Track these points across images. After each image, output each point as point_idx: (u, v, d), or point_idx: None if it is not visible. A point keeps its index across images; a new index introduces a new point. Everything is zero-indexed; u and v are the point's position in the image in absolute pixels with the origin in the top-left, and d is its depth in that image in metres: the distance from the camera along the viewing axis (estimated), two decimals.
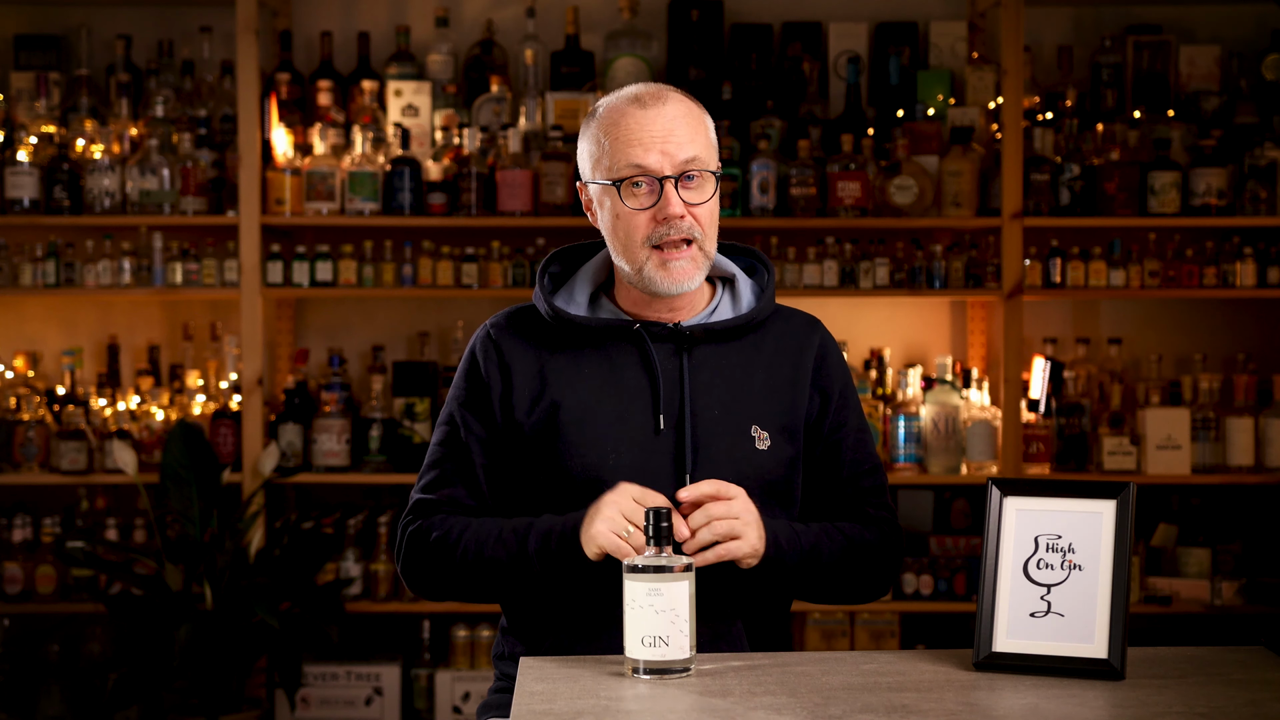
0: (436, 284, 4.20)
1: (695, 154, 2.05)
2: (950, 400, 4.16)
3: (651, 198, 2.05)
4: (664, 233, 2.05)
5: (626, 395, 2.09)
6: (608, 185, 2.07)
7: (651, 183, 2.05)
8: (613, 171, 2.06)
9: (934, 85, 4.32)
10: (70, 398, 4.25)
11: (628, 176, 2.05)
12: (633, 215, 2.06)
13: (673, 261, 2.06)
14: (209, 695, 3.80)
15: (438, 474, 2.14)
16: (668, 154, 2.04)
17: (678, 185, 2.04)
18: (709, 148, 2.09)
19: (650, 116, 2.05)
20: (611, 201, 2.08)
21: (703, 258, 2.08)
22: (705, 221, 2.07)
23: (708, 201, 2.07)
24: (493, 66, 4.35)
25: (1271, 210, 4.19)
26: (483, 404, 2.14)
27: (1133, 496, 1.82)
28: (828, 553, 2.08)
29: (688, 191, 2.06)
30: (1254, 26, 4.46)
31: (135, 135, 4.22)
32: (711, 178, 2.08)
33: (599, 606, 2.05)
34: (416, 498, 2.14)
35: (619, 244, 2.09)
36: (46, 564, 4.17)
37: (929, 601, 4.18)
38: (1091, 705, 1.70)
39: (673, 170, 2.04)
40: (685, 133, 2.05)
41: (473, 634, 4.22)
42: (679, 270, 2.06)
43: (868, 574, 2.14)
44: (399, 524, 2.16)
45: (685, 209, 2.05)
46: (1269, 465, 4.19)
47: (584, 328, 2.12)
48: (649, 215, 2.05)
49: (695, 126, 2.07)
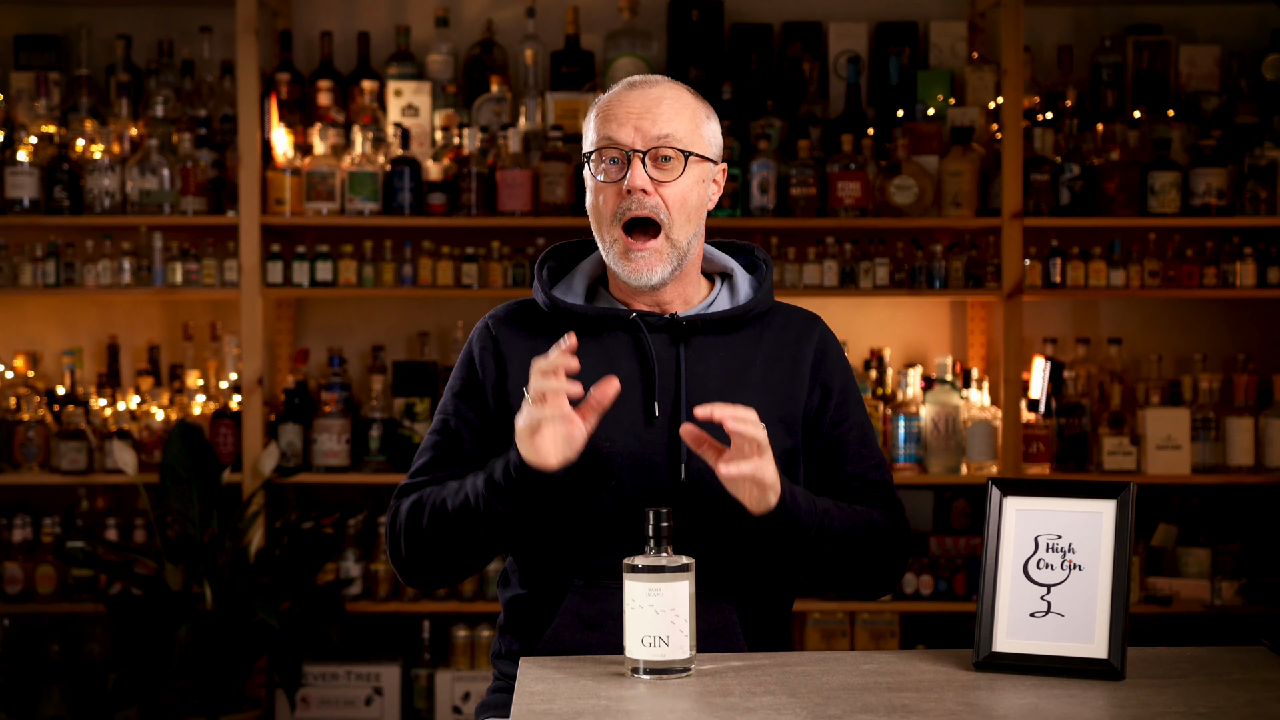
0: (436, 284, 4.20)
1: (669, 131, 2.04)
2: (950, 400, 4.16)
3: (620, 171, 2.06)
4: (627, 207, 2.05)
5: (621, 383, 2.08)
6: (588, 161, 2.09)
7: (622, 156, 2.05)
8: (590, 145, 2.09)
9: (934, 85, 4.32)
10: (70, 398, 4.25)
11: (601, 148, 2.06)
12: (601, 188, 2.07)
13: (635, 252, 2.06)
14: (209, 695, 3.80)
15: (427, 459, 2.15)
16: (640, 130, 2.04)
17: (646, 161, 2.04)
18: (691, 131, 2.07)
19: (634, 95, 2.07)
20: (590, 177, 2.09)
21: (670, 250, 2.07)
22: (674, 205, 2.06)
23: (676, 181, 2.06)
24: (493, 66, 4.36)
25: (1271, 210, 4.19)
26: (477, 393, 2.14)
27: (1133, 496, 1.82)
28: (840, 523, 2.03)
29: (658, 170, 2.05)
30: (1254, 26, 4.46)
31: (135, 135, 4.22)
32: (684, 159, 2.06)
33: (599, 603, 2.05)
34: (404, 482, 2.14)
35: (594, 223, 2.10)
36: (46, 564, 4.17)
37: (929, 601, 4.18)
38: (1091, 705, 1.70)
39: (643, 145, 2.04)
40: (665, 112, 2.05)
41: (473, 634, 4.22)
42: (640, 261, 2.06)
43: (877, 557, 2.10)
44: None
45: (652, 186, 2.04)
46: (1269, 465, 4.19)
47: (581, 317, 2.12)
48: (615, 189, 2.06)
49: (679, 109, 2.07)
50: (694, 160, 2.07)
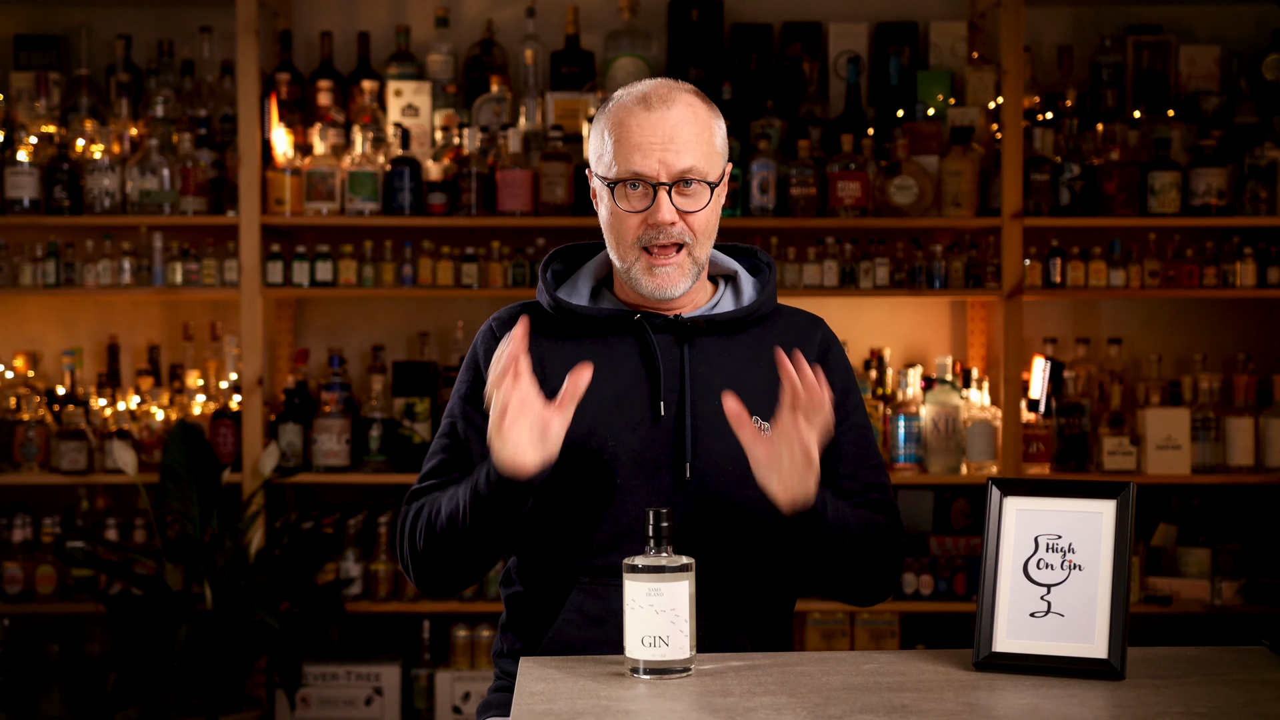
0: (436, 284, 4.20)
1: (693, 164, 2.05)
2: (950, 400, 4.16)
3: (645, 201, 2.06)
4: (653, 236, 2.06)
5: (626, 384, 2.09)
6: (606, 183, 2.09)
7: (646, 187, 2.06)
8: (611, 171, 2.08)
9: (934, 85, 4.32)
10: (70, 398, 4.25)
11: (625, 179, 2.06)
12: (625, 216, 2.07)
13: (659, 267, 2.07)
14: (209, 695, 3.80)
15: (435, 464, 2.15)
16: (665, 162, 2.04)
17: (672, 193, 2.05)
18: (711, 154, 2.08)
19: (654, 121, 2.05)
20: (608, 199, 2.09)
21: (691, 264, 2.09)
22: (698, 229, 2.08)
23: (702, 210, 2.07)
24: (493, 66, 4.35)
25: (1271, 210, 4.19)
26: (483, 397, 2.14)
27: (1133, 496, 1.82)
28: (852, 525, 2.04)
29: (682, 199, 2.06)
30: (1254, 26, 4.46)
31: (135, 135, 4.22)
32: (708, 188, 2.07)
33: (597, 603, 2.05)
34: (413, 487, 2.15)
35: (612, 240, 2.11)
36: (46, 564, 4.17)
37: (929, 601, 4.18)
38: (1091, 705, 1.70)
39: (668, 178, 2.05)
40: (687, 139, 2.05)
41: (473, 634, 4.22)
42: (664, 276, 2.08)
43: (880, 561, 2.11)
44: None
45: (678, 216, 2.06)
46: (1269, 465, 4.19)
47: (586, 318, 2.13)
48: (640, 218, 2.07)
49: (699, 133, 2.07)
50: (717, 186, 2.10)
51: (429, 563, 2.08)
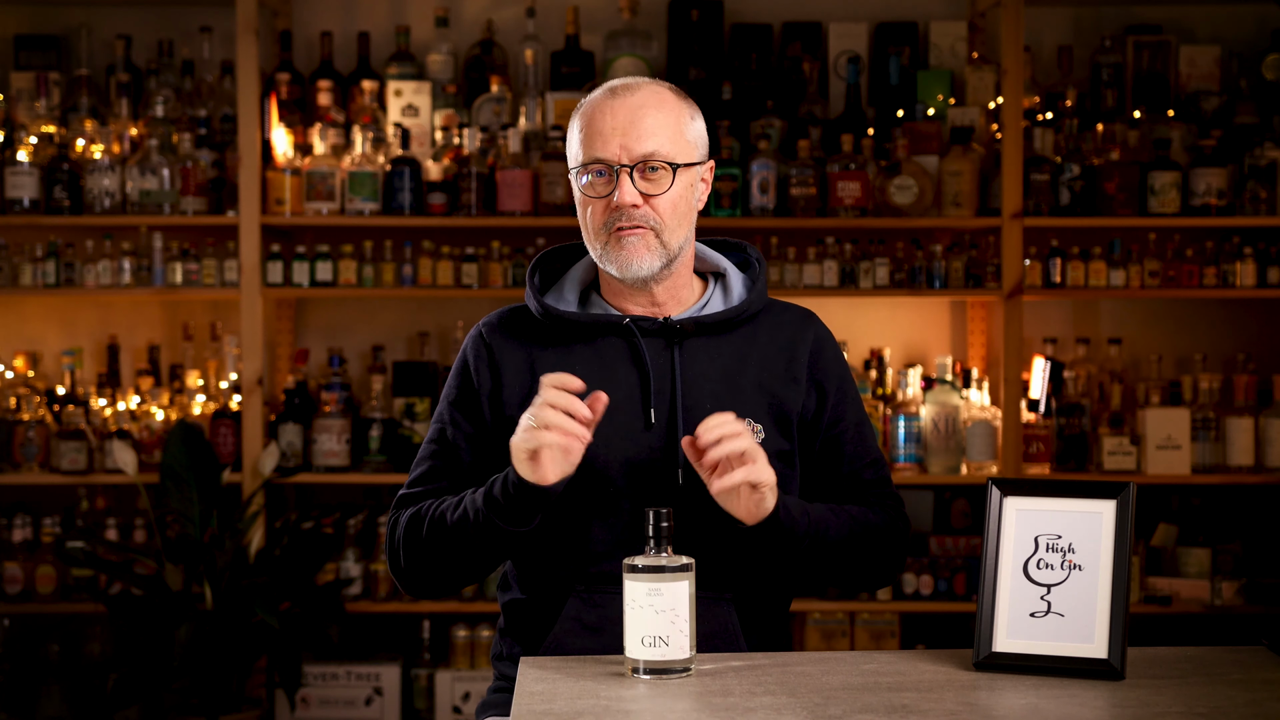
0: (436, 284, 4.20)
1: (655, 148, 2.05)
2: (950, 400, 4.16)
3: (609, 186, 2.07)
4: (617, 219, 2.06)
5: (617, 389, 2.08)
6: (575, 173, 2.10)
7: (610, 172, 2.06)
8: (578, 160, 2.09)
9: (934, 85, 4.32)
10: (70, 398, 4.25)
11: (588, 164, 2.07)
12: (591, 202, 2.09)
13: (625, 238, 2.06)
14: (209, 695, 3.80)
15: (423, 470, 2.15)
16: (626, 146, 2.05)
17: (634, 175, 2.05)
18: (679, 140, 2.08)
19: (616, 106, 2.07)
20: (577, 188, 2.10)
21: (659, 246, 2.08)
22: (665, 212, 2.07)
23: (665, 193, 2.07)
24: (493, 66, 4.35)
25: (1271, 210, 4.19)
26: (472, 403, 2.14)
27: (1133, 496, 1.82)
28: (835, 529, 2.05)
29: (646, 183, 2.06)
30: (1254, 26, 4.46)
31: (135, 135, 4.22)
32: (672, 171, 2.07)
33: (597, 604, 2.05)
34: (400, 493, 2.15)
35: (584, 229, 2.12)
36: (46, 564, 4.17)
37: (929, 601, 4.18)
38: (1091, 705, 1.70)
39: (629, 161, 2.05)
40: (649, 124, 2.06)
41: (473, 634, 4.22)
42: (630, 248, 2.06)
43: (873, 556, 2.11)
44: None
45: (641, 199, 2.06)
46: (1269, 465, 4.19)
47: (574, 323, 2.13)
48: (605, 203, 2.07)
49: (664, 118, 2.07)
50: (682, 169, 2.08)
51: (423, 566, 2.09)
